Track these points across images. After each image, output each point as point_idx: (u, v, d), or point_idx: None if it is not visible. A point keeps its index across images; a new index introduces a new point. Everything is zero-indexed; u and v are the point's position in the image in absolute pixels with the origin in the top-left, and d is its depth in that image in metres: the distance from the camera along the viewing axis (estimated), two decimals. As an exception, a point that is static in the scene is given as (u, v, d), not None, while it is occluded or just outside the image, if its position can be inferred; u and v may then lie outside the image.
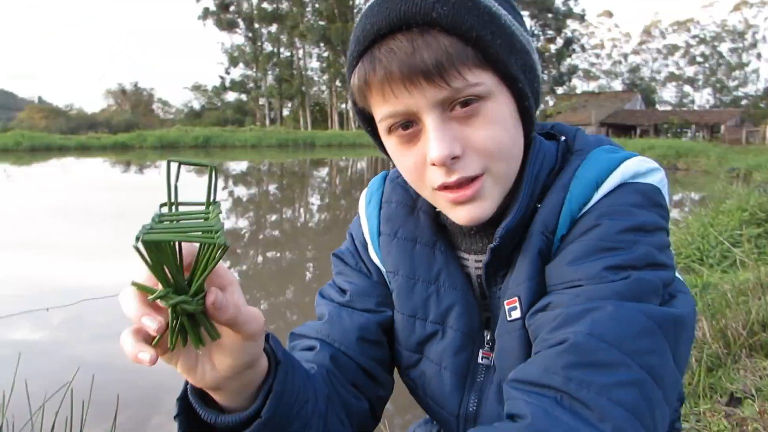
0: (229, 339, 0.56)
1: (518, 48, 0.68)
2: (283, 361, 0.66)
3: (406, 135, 0.69)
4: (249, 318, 0.55)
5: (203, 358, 0.58)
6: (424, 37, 0.62)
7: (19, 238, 7.50)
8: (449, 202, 0.71)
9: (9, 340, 3.83)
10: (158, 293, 0.49)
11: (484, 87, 0.65)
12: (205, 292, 0.51)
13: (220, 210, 0.51)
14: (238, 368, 0.58)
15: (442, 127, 0.66)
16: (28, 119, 58.06)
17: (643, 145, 25.41)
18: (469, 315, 0.80)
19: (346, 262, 0.93)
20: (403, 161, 0.72)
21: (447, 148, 0.65)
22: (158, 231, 0.47)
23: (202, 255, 0.49)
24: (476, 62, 0.64)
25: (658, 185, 0.71)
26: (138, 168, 20.39)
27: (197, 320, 0.52)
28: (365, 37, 0.66)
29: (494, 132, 0.67)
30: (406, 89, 0.64)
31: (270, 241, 7.87)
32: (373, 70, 0.65)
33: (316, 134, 43.37)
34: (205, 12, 60.43)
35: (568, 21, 58.20)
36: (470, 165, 0.67)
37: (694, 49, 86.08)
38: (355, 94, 0.71)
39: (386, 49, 0.64)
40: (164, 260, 0.48)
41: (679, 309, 0.63)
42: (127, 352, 0.51)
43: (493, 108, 0.67)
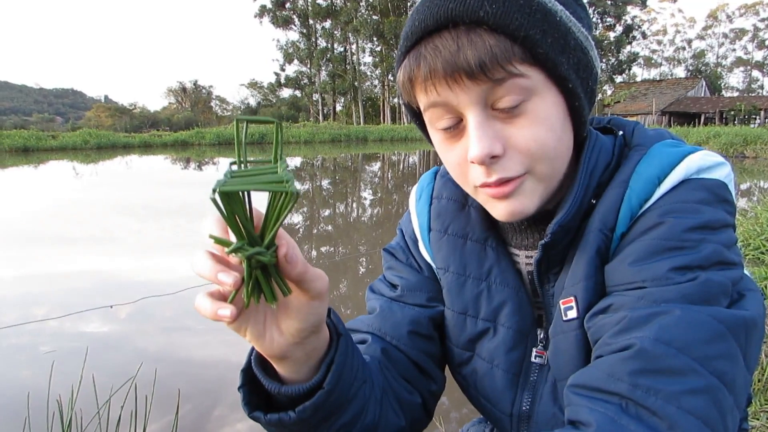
0: (296, 299, 0.57)
1: (572, 46, 0.66)
2: (345, 335, 0.68)
3: (450, 132, 0.69)
4: (316, 275, 0.56)
5: (270, 325, 0.59)
6: (469, 36, 0.62)
7: (87, 233, 7.87)
8: (489, 197, 0.70)
9: (76, 336, 4.00)
10: (235, 245, 0.50)
11: (528, 81, 0.64)
12: (276, 246, 0.52)
13: (287, 164, 0.52)
14: (304, 332, 0.59)
15: (483, 125, 0.65)
16: (95, 118, 60.85)
17: (708, 132, 24.34)
18: (522, 313, 0.79)
19: (396, 258, 0.93)
20: (447, 157, 0.72)
21: (487, 147, 0.64)
22: (232, 184, 0.47)
23: (273, 207, 0.50)
24: (523, 60, 0.63)
25: (725, 180, 0.67)
26: (197, 165, 21.02)
27: (270, 275, 0.53)
28: (413, 33, 0.66)
29: (538, 132, 0.65)
30: (449, 86, 0.64)
31: (323, 236, 7.96)
32: (418, 67, 0.65)
33: (368, 129, 43.53)
34: (262, 10, 61.64)
35: (629, 7, 56.26)
36: (511, 166, 0.66)
37: (763, 32, 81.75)
38: (401, 89, 0.71)
39: (432, 47, 0.64)
40: (237, 211, 0.49)
41: (750, 310, 0.60)
42: (205, 312, 0.52)
43: (538, 106, 0.65)
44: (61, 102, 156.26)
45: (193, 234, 7.50)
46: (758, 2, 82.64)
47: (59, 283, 5.35)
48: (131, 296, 4.65)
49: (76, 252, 6.63)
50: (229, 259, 0.53)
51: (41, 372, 3.11)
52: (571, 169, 0.74)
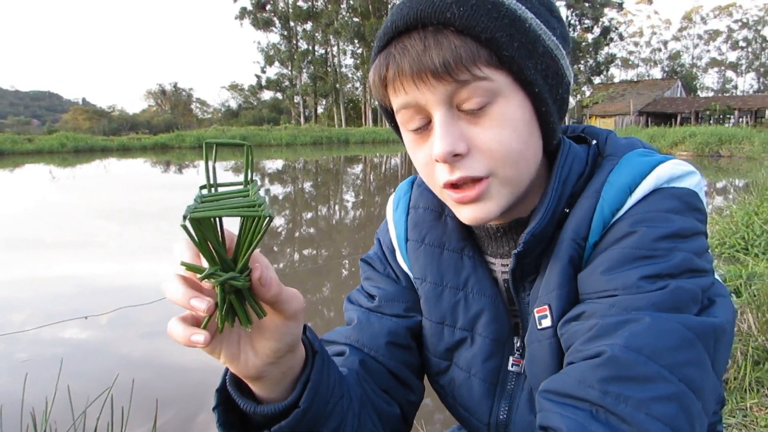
0: (271, 320, 0.57)
1: (540, 52, 0.67)
2: (320, 352, 0.67)
3: (419, 133, 0.70)
4: (290, 296, 0.56)
5: (245, 346, 0.59)
6: (436, 37, 0.63)
7: (65, 237, 7.75)
8: (454, 201, 0.71)
9: (54, 343, 3.95)
10: (208, 271, 0.49)
11: (492, 84, 0.65)
12: (249, 269, 0.52)
13: (258, 187, 0.52)
14: (280, 352, 0.59)
15: (447, 124, 0.66)
16: (73, 120, 59.90)
17: (684, 132, 24.73)
18: (499, 322, 0.80)
19: (374, 268, 0.93)
20: (417, 157, 0.73)
21: (450, 145, 0.65)
22: (203, 210, 0.47)
23: (245, 231, 0.50)
24: (488, 62, 0.64)
25: (695, 189, 0.69)
26: (177, 168, 20.83)
27: (244, 298, 0.53)
28: (385, 34, 0.68)
29: (502, 134, 0.66)
30: (416, 85, 0.65)
31: (306, 239, 7.94)
32: (387, 66, 0.67)
33: (350, 131, 43.47)
34: (242, 12, 61.11)
35: (606, 9, 56.88)
36: (474, 165, 0.67)
37: (736, 33, 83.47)
38: (373, 88, 0.72)
39: (401, 47, 0.66)
40: (209, 238, 0.49)
41: (719, 317, 0.61)
42: (178, 338, 0.52)
43: (503, 108, 0.66)
44: (37, 104, 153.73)
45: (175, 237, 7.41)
46: (731, 4, 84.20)
47: (39, 289, 5.28)
48: (112, 302, 4.60)
49: (55, 257, 6.53)
50: (202, 283, 0.53)
51: (16, 381, 3.06)
52: (545, 178, 0.75)
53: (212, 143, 0.52)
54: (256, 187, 0.52)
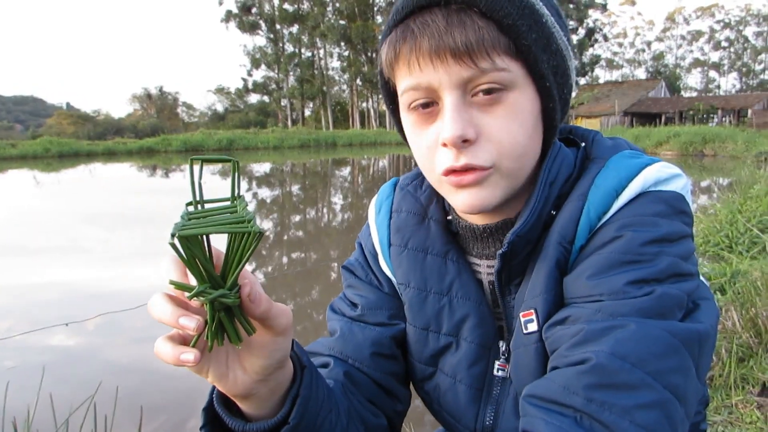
0: (260, 337, 0.56)
1: (553, 49, 0.67)
2: (309, 367, 0.67)
3: (424, 113, 0.68)
4: (280, 312, 0.56)
5: (234, 364, 0.58)
6: (460, 16, 0.62)
7: (50, 243, 7.67)
8: (452, 186, 0.69)
9: (41, 350, 3.91)
10: (197, 289, 0.48)
11: (510, 75, 0.64)
12: (239, 286, 0.51)
13: (246, 203, 0.52)
14: (269, 368, 0.58)
15: (459, 108, 0.65)
16: (57, 125, 59.14)
17: (669, 132, 24.96)
18: (484, 326, 0.79)
19: (356, 275, 0.91)
20: (417, 141, 0.71)
21: (460, 129, 0.64)
22: (190, 227, 0.47)
23: (234, 247, 0.49)
24: (507, 50, 0.63)
25: (681, 192, 0.68)
26: (164, 172, 20.69)
27: (233, 316, 0.53)
28: (404, 7, 0.65)
29: (512, 125, 0.65)
30: (432, 64, 0.64)
31: (294, 242, 7.92)
32: (404, 40, 0.65)
33: (338, 134, 43.41)
34: (228, 15, 60.90)
35: (590, 11, 57.35)
36: (481, 154, 0.66)
37: (718, 34, 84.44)
38: (383, 63, 0.70)
39: (421, 22, 0.64)
40: (197, 256, 0.48)
41: (704, 322, 0.61)
42: (166, 358, 0.51)
43: (515, 99, 0.65)
44: (20, 109, 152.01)
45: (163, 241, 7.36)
46: (714, 5, 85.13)
47: (24, 296, 5.22)
48: (97, 307, 4.55)
49: (40, 263, 6.46)
50: (190, 301, 0.52)
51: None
52: (535, 178, 0.75)
53: (198, 159, 0.51)
54: (244, 203, 0.52)
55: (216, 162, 0.53)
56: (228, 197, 0.53)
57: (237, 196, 0.53)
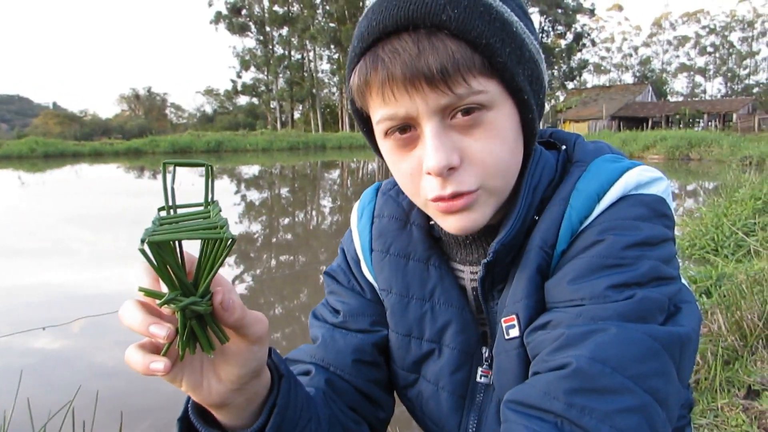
0: (234, 345, 0.55)
1: (527, 58, 0.65)
2: (286, 375, 0.66)
3: (402, 139, 0.66)
4: (255, 319, 0.55)
5: (208, 372, 0.57)
6: (430, 40, 0.59)
7: (35, 244, 7.58)
8: (440, 212, 0.68)
9: (18, 355, 3.84)
10: (168, 296, 0.47)
11: (487, 96, 0.62)
12: (211, 294, 0.50)
13: (219, 208, 0.50)
14: (245, 377, 0.57)
15: (441, 135, 0.63)
16: (43, 125, 58.72)
17: (655, 136, 25.17)
18: (466, 332, 0.78)
19: (338, 281, 0.90)
20: (399, 167, 0.69)
21: (445, 158, 0.62)
22: (162, 232, 0.46)
23: (206, 254, 0.48)
24: (482, 70, 0.61)
25: (662, 195, 0.68)
26: (151, 173, 20.55)
27: (205, 324, 0.51)
28: (370, 33, 0.62)
29: (493, 145, 0.64)
30: (407, 93, 0.61)
31: (283, 245, 7.89)
32: (375, 70, 0.62)
33: (327, 136, 43.38)
34: (217, 16, 60.67)
35: (578, 16, 57.78)
36: (466, 179, 0.64)
37: (704, 39, 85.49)
38: (354, 93, 0.68)
39: (390, 49, 0.61)
40: (169, 262, 0.47)
41: (685, 326, 0.61)
42: (136, 366, 0.50)
43: (495, 119, 0.64)
44: (6, 109, 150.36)
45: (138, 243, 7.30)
46: (699, 10, 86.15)
47: (5, 298, 5.14)
48: (79, 310, 4.50)
49: (24, 264, 6.38)
50: (162, 308, 0.51)
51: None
52: (516, 184, 0.74)
53: (170, 163, 0.50)
54: (218, 208, 0.51)
55: (189, 166, 0.52)
56: (201, 202, 0.52)
57: (210, 201, 0.52)
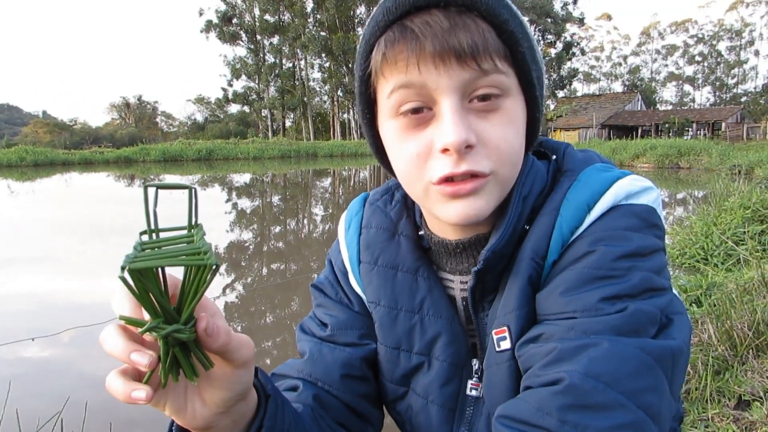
0: (220, 369, 0.54)
1: (537, 59, 0.68)
2: (273, 396, 0.65)
3: (414, 118, 0.65)
4: (240, 344, 0.54)
5: (192, 396, 0.56)
6: (462, 17, 0.61)
7: (21, 254, 7.51)
8: (445, 196, 0.66)
9: (7, 365, 3.80)
10: (149, 325, 0.46)
11: (507, 80, 0.64)
12: (195, 320, 0.49)
13: (203, 232, 0.49)
14: (230, 401, 0.56)
15: (460, 112, 0.63)
16: (33, 134, 58.42)
17: (645, 145, 25.36)
18: (456, 344, 0.77)
19: (325, 294, 0.89)
20: (404, 148, 0.67)
21: (464, 133, 0.61)
22: (143, 259, 0.45)
23: (190, 280, 0.47)
24: (505, 57, 0.64)
25: (653, 205, 0.68)
26: (142, 182, 20.45)
27: (189, 350, 0.50)
28: (398, 7, 0.62)
29: (508, 132, 0.65)
30: (435, 66, 0.61)
31: (274, 253, 7.86)
32: (404, 40, 0.62)
33: (318, 144, 43.33)
34: (208, 25, 60.67)
35: (568, 25, 58.31)
36: (481, 160, 0.64)
37: (692, 48, 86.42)
38: (375, 66, 0.66)
39: (421, 22, 0.61)
40: (150, 289, 0.46)
41: (677, 338, 0.61)
42: (118, 395, 0.48)
43: (511, 107, 0.65)
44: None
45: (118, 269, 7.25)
46: (687, 20, 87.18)
47: None
48: (69, 320, 4.45)
49: (12, 273, 6.31)
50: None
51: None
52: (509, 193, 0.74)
53: (152, 186, 0.49)
54: (202, 232, 0.50)
55: (172, 188, 0.50)
56: (185, 226, 0.51)
57: (194, 225, 0.51)
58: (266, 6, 58.64)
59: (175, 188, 0.50)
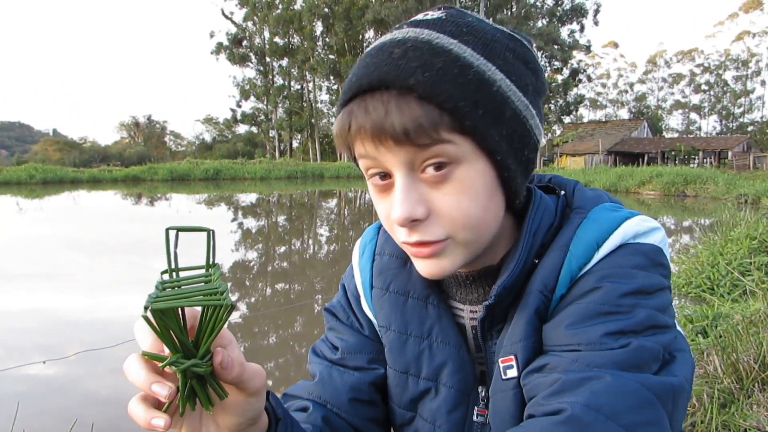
0: (233, 397, 0.57)
1: (507, 116, 0.65)
2: (283, 419, 0.67)
3: (381, 185, 0.69)
4: (253, 374, 0.57)
5: (207, 420, 0.59)
6: (398, 102, 0.62)
7: (28, 270, 7.54)
8: (411, 255, 0.71)
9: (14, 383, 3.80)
10: (169, 360, 0.50)
11: (455, 148, 0.63)
12: (211, 353, 0.53)
13: (220, 272, 0.53)
14: (242, 425, 0.59)
15: (407, 188, 0.65)
16: (43, 152, 58.95)
17: (651, 172, 25.32)
18: (463, 372, 0.79)
19: (337, 318, 0.92)
20: (379, 208, 0.72)
21: (407, 211, 0.64)
22: (164, 298, 0.48)
23: (207, 317, 0.51)
24: (451, 129, 0.62)
25: (659, 245, 0.70)
26: (149, 200, 20.56)
27: (205, 381, 0.54)
28: (349, 89, 0.66)
29: (462, 201, 0.65)
30: (375, 147, 0.64)
31: (279, 273, 7.87)
32: (348, 125, 0.66)
33: (325, 166, 43.52)
34: (219, 47, 61.46)
35: (574, 52, 58.72)
36: (433, 230, 0.66)
37: (698, 77, 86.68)
38: (336, 140, 0.71)
39: (363, 106, 0.64)
40: (171, 326, 0.49)
41: (678, 375, 0.62)
42: (138, 420, 0.52)
43: (465, 174, 0.65)
44: (6, 135, 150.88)
45: (144, 269, 7.31)
46: (694, 49, 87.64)
47: (3, 323, 5.10)
48: (78, 338, 4.47)
49: (20, 290, 6.34)
50: None
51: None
52: (514, 228, 0.76)
53: (174, 228, 0.52)
54: (218, 272, 0.54)
55: (192, 231, 0.53)
56: (203, 265, 0.55)
57: (212, 265, 0.54)
58: (276, 29, 59.36)
59: (194, 230, 0.53)
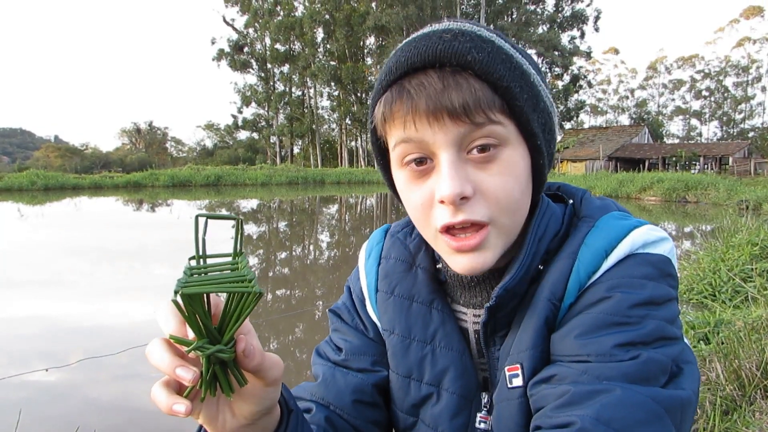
0: (251, 386, 0.58)
1: (541, 107, 0.70)
2: (295, 411, 0.68)
3: (417, 171, 0.69)
4: (272, 364, 0.58)
5: (224, 407, 0.60)
6: (455, 78, 0.64)
7: (29, 277, 7.54)
8: (451, 249, 0.70)
9: (16, 390, 3.80)
10: (196, 344, 0.50)
11: (504, 130, 0.66)
12: (234, 341, 0.53)
13: (247, 260, 0.54)
14: (257, 414, 0.60)
15: (456, 165, 0.66)
16: (44, 158, 58.93)
17: (652, 178, 25.32)
18: (466, 378, 0.79)
19: (342, 319, 0.92)
20: (411, 197, 0.71)
21: (458, 186, 0.64)
22: (193, 284, 0.48)
23: (232, 304, 0.51)
24: (502, 110, 0.65)
25: (668, 255, 0.70)
26: (150, 206, 20.57)
27: (227, 368, 0.55)
28: (398, 68, 0.67)
29: (507, 182, 0.67)
30: (429, 124, 0.65)
31: (280, 279, 7.86)
32: (401, 100, 0.66)
33: (326, 172, 43.59)
34: (220, 53, 61.71)
35: (575, 58, 58.87)
36: (478, 210, 0.67)
37: (699, 83, 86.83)
38: (377, 121, 0.71)
39: (416, 83, 0.65)
40: (198, 311, 0.50)
41: (686, 389, 0.62)
42: (160, 405, 0.53)
43: (510, 156, 0.67)
44: (8, 142, 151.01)
45: (146, 276, 7.31)
46: (694, 55, 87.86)
47: (5, 330, 5.10)
48: (80, 345, 4.47)
49: (22, 297, 6.34)
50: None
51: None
52: (522, 232, 0.76)
53: (203, 215, 0.53)
54: (245, 261, 0.54)
55: (221, 219, 0.55)
56: (230, 253, 0.55)
57: (239, 253, 0.55)
58: (277, 35, 59.55)
59: (223, 218, 0.55)
